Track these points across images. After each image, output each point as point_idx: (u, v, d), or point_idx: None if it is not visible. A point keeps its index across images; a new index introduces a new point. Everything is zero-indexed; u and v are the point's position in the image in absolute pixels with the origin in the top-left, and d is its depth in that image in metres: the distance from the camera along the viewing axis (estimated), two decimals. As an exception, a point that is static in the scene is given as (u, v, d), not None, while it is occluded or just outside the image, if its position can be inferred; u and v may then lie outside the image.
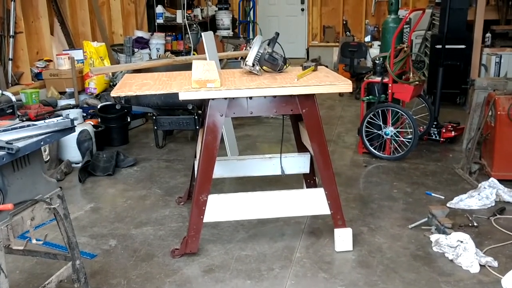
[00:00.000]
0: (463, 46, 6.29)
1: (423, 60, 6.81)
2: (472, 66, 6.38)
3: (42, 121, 2.13)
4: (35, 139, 2.04)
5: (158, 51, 7.97)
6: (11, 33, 5.67)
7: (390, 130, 4.71)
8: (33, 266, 2.97)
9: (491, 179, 3.89)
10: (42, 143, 2.06)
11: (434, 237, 3.12)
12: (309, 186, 3.73)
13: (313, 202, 3.04)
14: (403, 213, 3.62)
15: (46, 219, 2.29)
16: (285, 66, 3.15)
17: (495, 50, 6.40)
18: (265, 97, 2.89)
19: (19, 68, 5.89)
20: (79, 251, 2.41)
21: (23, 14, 5.80)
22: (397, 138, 4.75)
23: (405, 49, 4.74)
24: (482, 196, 3.70)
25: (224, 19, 9.78)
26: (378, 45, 7.98)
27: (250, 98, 2.89)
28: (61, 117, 2.22)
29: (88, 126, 4.90)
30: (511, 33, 6.70)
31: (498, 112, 4.01)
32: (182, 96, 2.75)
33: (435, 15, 7.28)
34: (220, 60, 5.44)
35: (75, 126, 2.23)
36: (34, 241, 2.10)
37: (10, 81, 5.68)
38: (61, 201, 2.29)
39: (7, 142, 1.92)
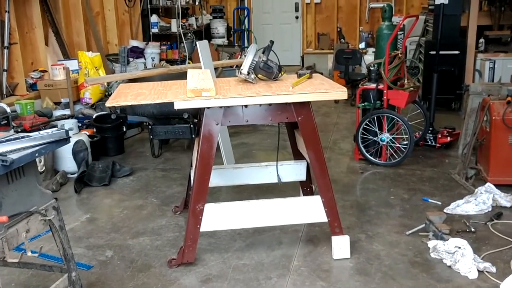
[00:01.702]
0: (457, 52, 6.32)
1: (418, 66, 6.84)
2: (466, 71, 6.41)
3: (37, 133, 2.13)
4: (29, 150, 2.03)
5: (153, 60, 7.98)
6: (6, 44, 5.67)
7: (386, 136, 4.72)
8: (28, 279, 2.94)
9: (488, 184, 3.90)
10: (36, 154, 2.05)
11: (431, 243, 3.11)
12: (305, 193, 3.72)
13: (310, 209, 3.03)
14: (401, 220, 3.62)
15: (41, 231, 2.27)
16: (280, 74, 3.15)
17: (488, 56, 6.44)
18: (260, 105, 2.89)
19: (13, 79, 5.88)
20: (75, 263, 2.39)
21: (17, 25, 5.79)
22: (393, 144, 4.76)
23: (400, 55, 4.76)
24: (479, 201, 3.70)
25: (219, 27, 9.82)
26: (373, 52, 8.00)
27: (246, 106, 2.89)
28: (56, 128, 2.21)
29: (84, 136, 4.88)
30: (504, 38, 6.74)
31: (493, 117, 4.02)
32: (178, 106, 2.74)
33: (428, 21, 7.32)
34: (215, 69, 5.45)
35: (70, 137, 2.22)
36: (29, 254, 2.09)
37: (4, 92, 5.67)
38: (56, 213, 2.28)
39: (1, 154, 1.91)
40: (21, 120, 5.06)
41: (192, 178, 3.38)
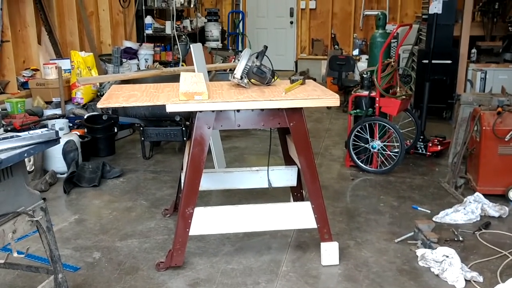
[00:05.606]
0: (449, 62, 6.37)
1: (410, 74, 6.87)
2: (458, 81, 6.46)
3: (26, 133, 2.10)
4: (18, 150, 2.01)
5: (146, 61, 7.96)
6: (-2, 41, 5.64)
7: (377, 143, 4.73)
8: (14, 279, 2.91)
9: (477, 193, 3.92)
10: (25, 155, 2.03)
11: (420, 252, 3.12)
12: (296, 199, 3.72)
13: (299, 215, 3.03)
14: (390, 227, 3.63)
15: (28, 232, 2.25)
16: (273, 79, 3.16)
17: (480, 66, 6.49)
18: (252, 110, 2.89)
19: (5, 76, 5.83)
20: (61, 264, 2.37)
21: (10, 23, 5.76)
22: (384, 152, 4.78)
23: (392, 63, 4.78)
24: (468, 210, 3.72)
25: (213, 30, 9.82)
26: (366, 59, 8.05)
27: (238, 111, 2.89)
28: (46, 129, 2.19)
29: (74, 136, 4.85)
30: (496, 49, 6.80)
31: (483, 127, 4.05)
32: (170, 109, 2.73)
33: (422, 30, 7.37)
34: (209, 72, 5.44)
35: (60, 137, 2.20)
36: (15, 254, 2.07)
37: (-5, 90, 5.63)
38: (44, 214, 2.25)
39: (-11, 154, 1.89)
40: (11, 119, 5.02)
41: (182, 181, 3.37)
